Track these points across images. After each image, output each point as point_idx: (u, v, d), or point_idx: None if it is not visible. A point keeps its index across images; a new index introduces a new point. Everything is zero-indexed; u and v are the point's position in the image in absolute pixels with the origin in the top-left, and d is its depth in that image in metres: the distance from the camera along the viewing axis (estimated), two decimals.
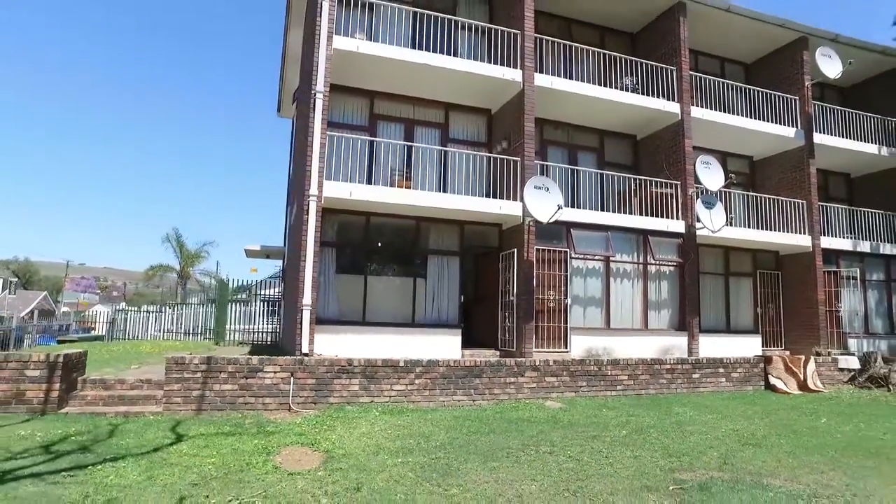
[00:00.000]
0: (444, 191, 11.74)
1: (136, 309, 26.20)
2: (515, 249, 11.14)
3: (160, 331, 23.40)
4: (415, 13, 11.71)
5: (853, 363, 12.45)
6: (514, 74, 11.44)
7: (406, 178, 11.47)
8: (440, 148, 12.05)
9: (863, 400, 10.64)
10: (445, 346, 10.77)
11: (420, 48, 11.22)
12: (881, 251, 15.18)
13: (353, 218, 10.91)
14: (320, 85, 9.90)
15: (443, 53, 11.29)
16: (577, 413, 8.37)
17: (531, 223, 10.91)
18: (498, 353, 11.19)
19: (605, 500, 4.73)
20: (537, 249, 11.12)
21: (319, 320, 9.75)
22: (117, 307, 31.90)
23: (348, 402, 8.25)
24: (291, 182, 16.35)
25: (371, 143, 11.42)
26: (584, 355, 11.01)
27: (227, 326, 18.41)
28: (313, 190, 9.60)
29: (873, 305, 15.36)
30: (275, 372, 8.02)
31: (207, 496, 4.54)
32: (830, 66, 14.27)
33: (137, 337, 22.87)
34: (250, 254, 18.09)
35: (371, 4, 11.33)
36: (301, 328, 9.25)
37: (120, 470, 5.13)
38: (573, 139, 13.74)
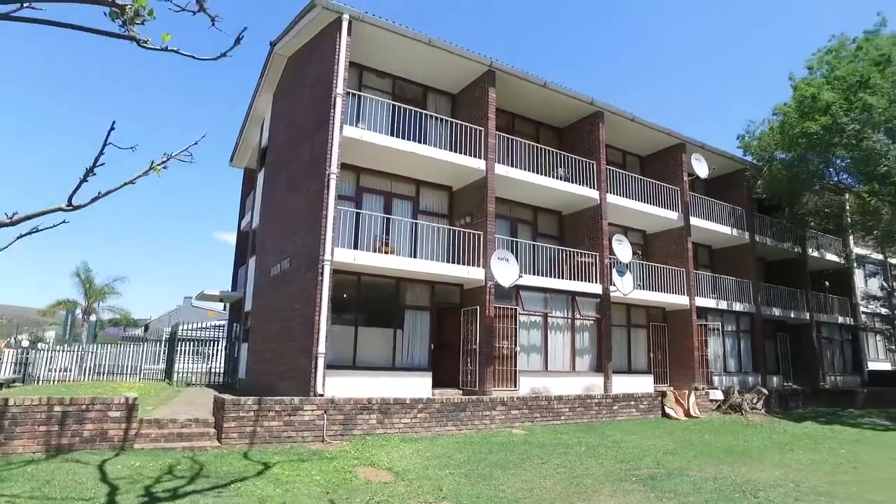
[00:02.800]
0: (416, 255, 14.14)
1: (55, 348, 25.30)
2: (478, 307, 13.79)
3: (84, 371, 22.94)
4: (392, 105, 14.21)
5: (718, 395, 16.45)
6: (479, 164, 14.28)
7: (386, 243, 13.79)
8: (413, 220, 14.46)
9: (727, 422, 14.48)
10: (419, 386, 13.04)
11: (397, 134, 13.66)
12: (734, 308, 19.73)
13: (346, 277, 12.99)
14: (334, 167, 12.05)
15: (415, 139, 13.86)
16: (540, 437, 11.09)
17: (492, 286, 13.66)
18: (460, 391, 13.66)
19: (598, 487, 7.43)
20: (495, 307, 13.87)
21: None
22: (29, 345, 29.99)
23: (368, 434, 10.34)
24: (257, 235, 17.94)
25: (369, 216, 13.54)
26: (529, 393, 13.80)
27: (176, 367, 19.19)
28: (327, 256, 11.64)
29: (729, 350, 19.82)
30: (312, 410, 9.95)
31: (348, 498, 6.62)
32: (700, 167, 18.77)
33: (53, 380, 20.61)
34: (206, 297, 19.19)
35: (360, 96, 13.73)
36: (315, 372, 11.15)
37: (254, 488, 6.93)
38: (514, 213, 16.82)
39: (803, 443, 11.84)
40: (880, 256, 26.22)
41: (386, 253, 13.18)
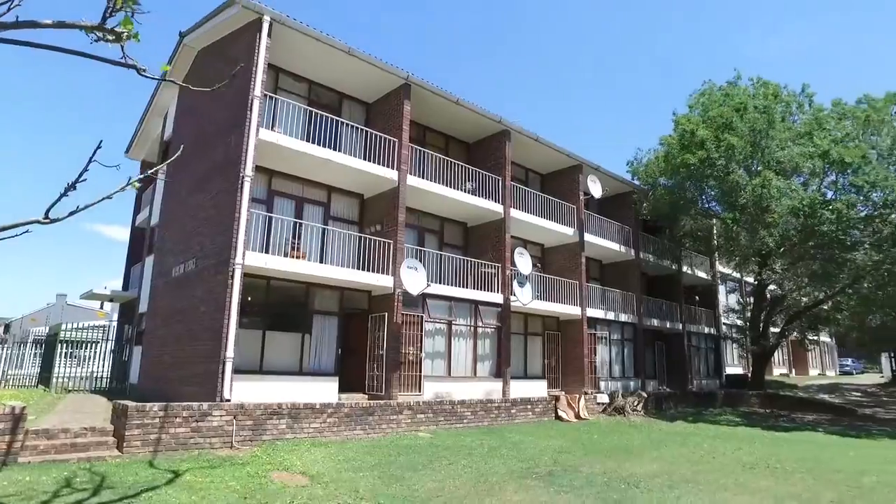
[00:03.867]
0: (326, 261, 14.23)
1: None
2: (386, 313, 14.14)
3: None
4: (308, 110, 14.23)
5: (605, 399, 17.92)
6: (392, 174, 14.65)
7: (297, 248, 13.79)
8: (324, 226, 14.55)
9: (612, 423, 15.85)
10: (326, 391, 13.16)
11: (312, 140, 13.69)
12: (619, 318, 21.52)
13: (256, 281, 12.83)
14: (248, 169, 11.90)
15: (330, 146, 14.00)
16: (445, 440, 11.62)
17: (400, 293, 14.07)
18: (366, 396, 13.92)
19: (503, 484, 8.06)
20: (402, 314, 14.28)
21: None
22: None
23: (278, 439, 10.35)
24: (156, 232, 17.10)
25: (280, 220, 13.44)
26: (433, 398, 14.32)
27: (55, 371, 17.74)
28: (238, 259, 11.47)
29: (614, 357, 21.58)
30: (221, 415, 9.81)
31: (267, 502, 6.74)
32: (595, 188, 20.37)
33: None
34: (94, 297, 17.95)
35: (276, 99, 13.66)
36: (223, 376, 10.96)
37: (167, 497, 6.80)
38: (422, 223, 17.35)
39: (675, 439, 13.32)
40: (738, 275, 29.84)
41: (296, 258, 13.19)
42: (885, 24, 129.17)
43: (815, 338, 33.80)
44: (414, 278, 13.83)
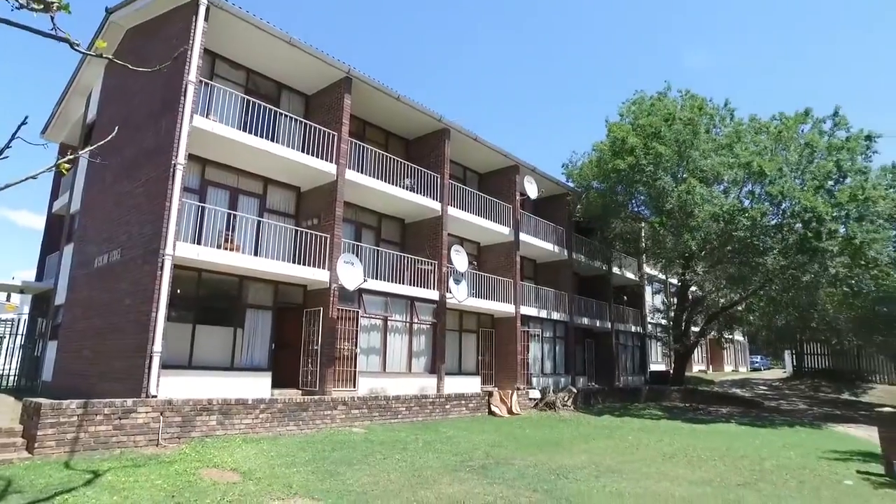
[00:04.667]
0: (261, 254, 13.85)
1: None
2: (322, 308, 13.96)
3: None
4: (245, 99, 13.86)
5: (536, 395, 18.40)
6: (330, 168, 14.47)
7: (230, 240, 13.38)
8: (259, 218, 14.18)
9: (543, 417, 16.31)
10: (258, 386, 12.86)
11: (249, 129, 13.34)
12: (552, 317, 22.15)
13: (187, 273, 12.36)
14: (181, 157, 11.43)
15: (267, 137, 13.69)
16: (380, 435, 11.62)
17: (336, 288, 13.93)
18: (300, 392, 13.69)
19: (438, 477, 8.17)
20: (338, 309, 14.14)
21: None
22: None
23: (207, 436, 10.03)
24: (77, 220, 16.11)
25: (213, 210, 12.96)
26: (368, 393, 14.26)
27: None
28: (168, 250, 11.00)
29: (546, 354, 22.19)
30: (146, 412, 9.41)
31: (196, 500, 6.54)
32: (531, 188, 20.85)
33: None
34: (2, 287, 16.72)
35: (211, 86, 13.20)
36: (149, 372, 10.48)
37: (85, 499, 6.40)
38: (360, 218, 17.23)
39: (602, 432, 13.88)
40: (663, 277, 31.38)
41: (230, 250, 12.81)
42: (795, 46, 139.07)
43: (730, 336, 36.05)
44: (350, 273, 13.73)
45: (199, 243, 12.51)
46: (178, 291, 11.96)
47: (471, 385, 18.00)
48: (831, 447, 12.50)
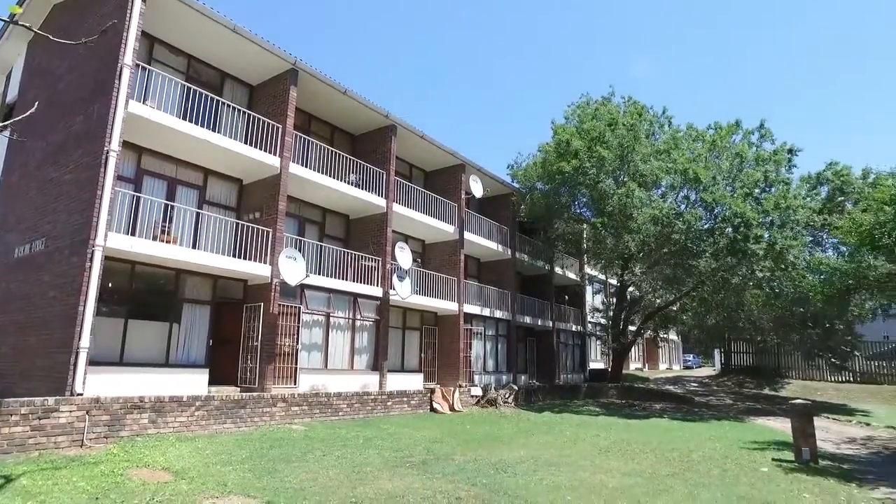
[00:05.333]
0: (200, 247, 13.41)
1: None
2: (262, 303, 13.63)
3: None
4: (186, 86, 13.36)
5: (478, 392, 18.59)
6: (274, 161, 14.14)
7: (167, 232, 12.87)
8: (198, 210, 13.72)
9: (484, 414, 16.51)
10: (195, 383, 12.40)
11: (189, 118, 12.84)
12: (495, 315, 22.42)
13: (118, 265, 11.80)
14: (115, 144, 10.86)
15: (208, 126, 13.26)
16: (320, 432, 11.46)
17: (278, 283, 13.64)
18: (239, 389, 13.33)
19: (378, 473, 8.14)
20: (279, 304, 13.85)
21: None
22: None
23: (138, 435, 9.62)
24: None
25: (149, 201, 12.45)
26: (309, 390, 14.04)
27: None
28: (99, 240, 10.44)
29: (488, 352, 22.46)
30: (70, 411, 8.93)
31: (123, 501, 6.27)
32: (477, 187, 21.05)
33: None
34: None
35: (149, 70, 12.66)
36: (75, 368, 9.93)
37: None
38: (303, 212, 16.92)
39: (542, 428, 14.17)
40: (603, 277, 32.33)
41: (166, 242, 12.32)
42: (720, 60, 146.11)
43: (666, 336, 37.54)
44: (293, 268, 13.48)
45: (133, 234, 12.02)
46: (110, 284, 11.43)
47: (413, 382, 18.00)
48: (751, 438, 13.21)
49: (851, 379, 29.45)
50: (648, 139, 22.32)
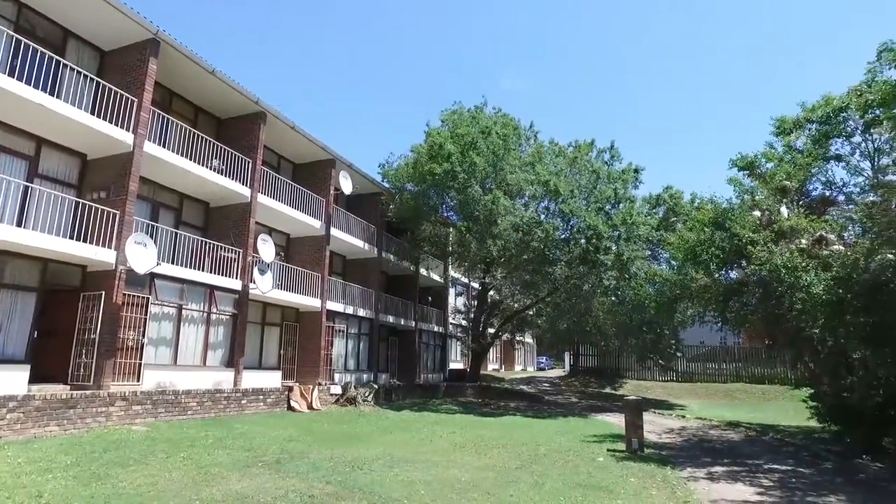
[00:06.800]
0: (27, 226, 11.83)
1: None
2: (104, 292, 12.36)
3: None
4: (15, 38, 11.68)
5: (338, 390, 18.36)
6: (126, 137, 12.90)
7: None
8: (27, 183, 12.09)
9: (343, 413, 16.34)
10: (12, 381, 10.82)
11: (20, 77, 11.18)
12: (358, 313, 22.30)
13: None
14: None
15: (46, 90, 11.76)
16: (165, 433, 10.65)
17: (123, 271, 12.46)
18: (69, 386, 11.94)
19: (226, 474, 7.76)
20: (124, 294, 12.67)
21: None
22: None
23: None
24: None
25: None
26: (155, 387, 12.97)
27: None
28: None
29: (350, 350, 22.27)
30: None
31: None
32: (346, 184, 20.83)
33: None
34: None
35: None
36: None
37: None
38: (157, 196, 15.61)
39: (399, 426, 14.33)
40: (466, 280, 33.50)
41: None
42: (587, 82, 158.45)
43: (522, 338, 39.74)
44: (142, 255, 12.40)
45: None
46: None
47: (271, 380, 17.32)
48: (592, 432, 14.44)
49: (675, 378, 33.26)
50: (516, 150, 23.51)
